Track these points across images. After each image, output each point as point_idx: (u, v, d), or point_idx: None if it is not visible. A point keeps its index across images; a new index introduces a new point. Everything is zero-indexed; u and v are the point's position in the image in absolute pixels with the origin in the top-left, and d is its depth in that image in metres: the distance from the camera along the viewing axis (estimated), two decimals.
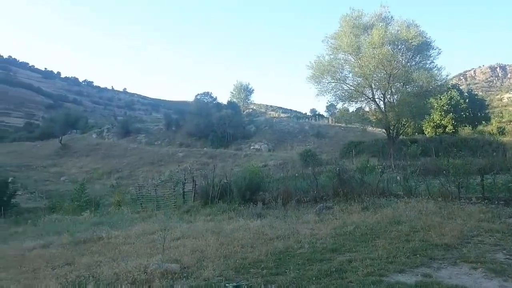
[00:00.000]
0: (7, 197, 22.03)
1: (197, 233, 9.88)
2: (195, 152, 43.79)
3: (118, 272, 6.26)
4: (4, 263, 8.78)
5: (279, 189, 14.81)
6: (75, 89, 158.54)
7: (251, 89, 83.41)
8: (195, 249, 7.78)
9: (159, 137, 53.16)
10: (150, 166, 40.35)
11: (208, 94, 67.44)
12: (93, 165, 41.97)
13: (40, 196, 29.73)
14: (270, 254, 6.90)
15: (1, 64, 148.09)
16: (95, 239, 10.85)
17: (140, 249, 8.68)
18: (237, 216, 12.60)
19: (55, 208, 21.52)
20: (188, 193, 18.25)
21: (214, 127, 49.97)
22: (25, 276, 7.28)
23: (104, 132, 56.70)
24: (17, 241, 12.81)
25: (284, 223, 10.41)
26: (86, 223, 14.72)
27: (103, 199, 23.63)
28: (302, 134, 51.58)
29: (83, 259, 8.04)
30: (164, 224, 12.16)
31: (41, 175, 37.78)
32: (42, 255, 9.30)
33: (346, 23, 29.06)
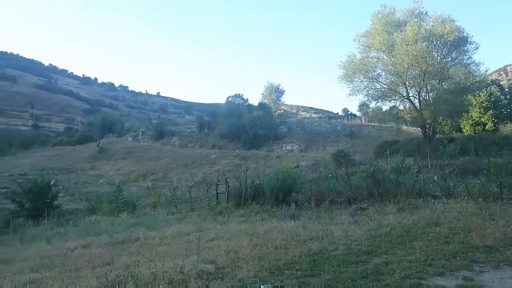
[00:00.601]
0: (50, 199, 22.95)
1: (231, 234, 9.99)
2: (227, 154, 44.14)
3: (155, 272, 6.42)
4: (48, 262, 9.19)
5: (312, 190, 14.73)
6: (111, 94, 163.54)
7: (282, 90, 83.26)
8: (229, 250, 7.87)
9: (192, 139, 53.94)
10: (183, 168, 41.01)
11: (239, 96, 67.94)
12: (129, 167, 43.10)
13: (80, 198, 30.84)
14: (304, 256, 6.88)
15: (43, 72, 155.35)
16: (132, 239, 11.16)
17: (175, 249, 8.86)
18: (270, 217, 12.64)
19: (94, 209, 22.28)
20: (221, 194, 18.45)
21: (245, 129, 50.21)
22: (68, 275, 7.58)
23: (139, 135, 58.12)
24: (60, 241, 13.35)
25: (317, 224, 10.35)
26: (124, 224, 15.14)
27: (139, 201, 24.23)
28: (334, 134, 50.98)
29: (121, 259, 8.29)
30: (198, 225, 12.37)
31: (81, 178, 39.19)
32: (83, 255, 9.65)
33: (378, 20, 28.52)
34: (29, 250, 12.13)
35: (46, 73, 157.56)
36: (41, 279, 7.42)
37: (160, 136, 55.24)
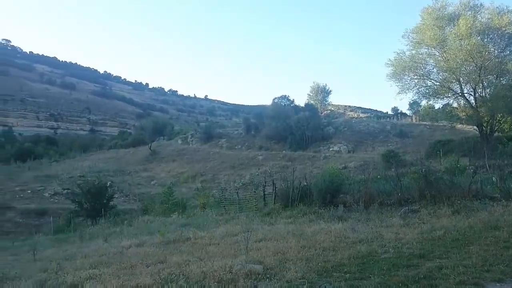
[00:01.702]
0: (107, 199, 24.20)
1: (279, 235, 10.03)
2: (274, 155, 44.28)
3: (205, 271, 6.59)
4: (106, 260, 9.68)
5: (360, 191, 14.43)
6: (162, 98, 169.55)
7: (328, 90, 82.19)
8: (277, 251, 7.91)
9: (239, 141, 54.63)
10: (231, 169, 41.65)
11: (286, 97, 67.92)
12: (179, 169, 44.44)
13: (134, 198, 32.28)
14: (353, 258, 6.78)
15: (98, 79, 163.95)
16: (183, 239, 11.51)
17: (224, 249, 9.04)
18: (318, 218, 12.55)
19: (147, 209, 23.23)
20: (268, 195, 18.55)
21: (292, 130, 50.09)
22: (124, 272, 7.94)
23: (189, 138, 59.72)
24: (116, 239, 14.03)
25: (366, 227, 10.14)
26: (175, 224, 15.62)
27: (189, 202, 24.93)
28: (383, 134, 49.57)
29: (173, 258, 8.58)
30: (246, 226, 12.52)
31: (134, 179, 40.96)
32: (138, 253, 10.08)
33: (429, 15, 27.40)
34: (88, 248, 12.85)
35: (102, 80, 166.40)
36: (99, 275, 7.83)
37: (208, 139, 56.44)
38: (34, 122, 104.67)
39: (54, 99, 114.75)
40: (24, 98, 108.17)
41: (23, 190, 32.69)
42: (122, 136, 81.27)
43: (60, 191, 32.79)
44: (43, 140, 79.00)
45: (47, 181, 35.95)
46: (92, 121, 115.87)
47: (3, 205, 27.54)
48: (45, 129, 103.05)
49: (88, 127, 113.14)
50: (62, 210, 26.74)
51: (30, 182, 35.52)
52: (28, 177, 37.66)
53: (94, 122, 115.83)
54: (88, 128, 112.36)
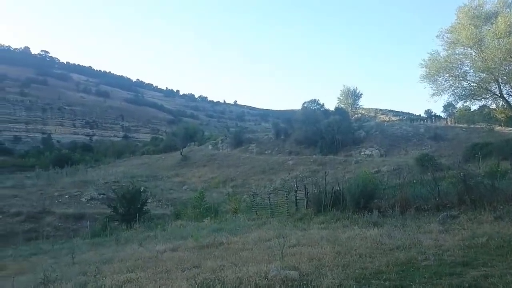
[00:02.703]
0: (141, 204, 24.69)
1: (312, 241, 9.90)
2: (304, 160, 43.95)
3: (241, 277, 6.57)
4: (142, 264, 9.85)
5: (395, 196, 14.05)
6: (192, 104, 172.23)
7: (359, 93, 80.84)
8: (312, 257, 7.80)
9: (269, 146, 54.59)
10: (261, 174, 41.64)
11: (315, 101, 67.34)
12: (210, 174, 44.85)
13: (166, 203, 32.79)
14: (391, 265, 6.58)
15: (131, 87, 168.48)
16: (216, 244, 11.55)
17: (258, 255, 8.99)
18: (352, 224, 12.30)
19: (180, 214, 23.52)
20: (300, 200, 18.39)
21: (322, 134, 49.58)
22: (159, 276, 8.04)
23: (219, 143, 60.25)
24: (150, 244, 14.26)
25: (403, 233, 9.84)
26: (207, 229, 15.72)
27: (220, 207, 25.06)
28: (417, 137, 48.25)
29: (208, 263, 8.62)
30: (279, 231, 12.44)
31: (166, 184, 41.65)
32: (172, 258, 10.19)
33: (464, 14, 26.50)
34: (124, 252, 13.13)
35: (134, 87, 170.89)
36: (136, 279, 7.97)
37: (238, 144, 56.74)
38: (71, 130, 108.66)
39: (89, 107, 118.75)
40: (62, 107, 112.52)
41: (61, 195, 33.89)
42: (154, 142, 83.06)
43: (96, 196, 33.77)
44: (79, 147, 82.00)
45: (84, 187, 37.13)
46: (125, 128, 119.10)
47: (44, 209, 28.63)
48: (81, 136, 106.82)
49: (121, 133, 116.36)
50: (98, 214, 27.50)
51: (68, 187, 36.78)
52: (66, 182, 39.02)
53: (127, 129, 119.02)
54: (122, 134, 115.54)
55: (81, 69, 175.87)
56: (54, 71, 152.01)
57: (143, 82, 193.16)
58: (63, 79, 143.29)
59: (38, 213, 28.24)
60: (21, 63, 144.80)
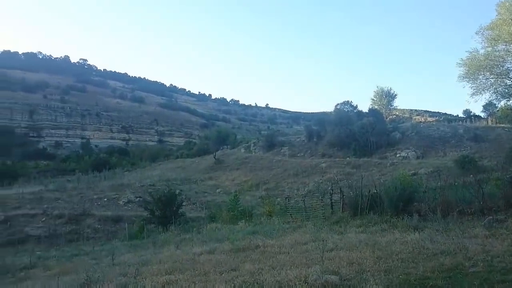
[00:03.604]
0: (176, 207, 25.05)
1: (351, 245, 9.71)
2: (338, 162, 43.33)
3: (280, 281, 6.51)
4: (180, 266, 9.95)
5: (436, 199, 13.58)
6: (224, 108, 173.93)
7: (393, 94, 78.90)
8: (351, 261, 7.64)
9: (302, 149, 54.21)
10: (294, 177, 41.36)
11: (348, 103, 66.48)
12: (243, 177, 45.00)
13: (201, 206, 33.10)
14: (437, 271, 6.33)
15: (165, 92, 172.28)
16: (252, 247, 11.52)
17: (295, 258, 8.90)
18: (391, 228, 11.98)
19: (214, 217, 23.69)
20: (335, 203, 18.12)
21: (356, 136, 48.74)
22: (198, 279, 8.08)
23: (251, 147, 60.42)
24: (187, 246, 14.41)
25: (446, 237, 9.48)
26: (243, 232, 15.72)
27: (255, 209, 25.06)
28: (455, 138, 46.51)
29: (245, 266, 8.60)
30: (315, 234, 12.29)
31: (200, 188, 42.11)
32: (209, 260, 10.24)
33: (506, 9, 25.33)
34: (162, 254, 13.31)
35: (168, 92, 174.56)
36: (175, 281, 8.05)
37: (270, 147, 56.68)
38: (108, 134, 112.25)
39: (125, 112, 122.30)
40: (99, 112, 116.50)
41: (100, 198, 34.94)
42: (188, 146, 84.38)
43: (133, 199, 34.59)
44: (116, 151, 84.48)
45: (121, 190, 38.12)
46: (159, 132, 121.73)
47: (84, 212, 29.62)
48: (118, 140, 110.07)
49: (156, 138, 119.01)
50: (136, 217, 28.14)
51: (106, 190, 37.88)
52: (104, 186, 40.22)
53: (161, 133, 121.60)
54: (156, 138, 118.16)
55: (117, 76, 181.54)
56: (92, 78, 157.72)
57: (176, 87, 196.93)
58: (100, 86, 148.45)
59: (79, 215, 29.22)
60: (62, 71, 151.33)
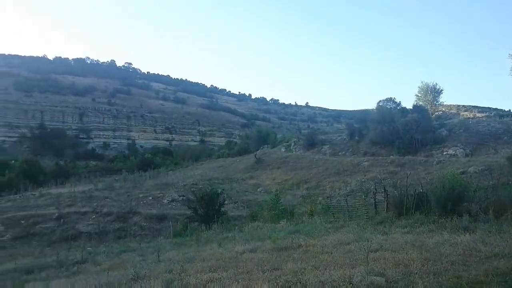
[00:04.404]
0: (218, 206, 25.45)
1: (396, 245, 9.43)
2: (380, 161, 42.25)
3: (323, 281, 6.44)
4: (223, 264, 10.08)
5: (488, 199, 12.90)
6: (264, 107, 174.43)
7: (439, 89, 75.76)
8: (397, 263, 7.41)
9: (343, 147, 53.31)
10: (336, 176, 40.76)
11: (391, 99, 64.34)
12: (283, 176, 44.91)
13: (242, 205, 33.38)
14: (491, 275, 6.01)
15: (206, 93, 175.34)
16: (294, 246, 11.46)
17: (339, 259, 8.77)
18: (438, 229, 11.51)
19: (256, 216, 23.81)
20: (379, 203, 17.66)
21: (399, 134, 47.26)
22: (241, 277, 8.14)
23: (291, 146, 60.14)
24: (229, 244, 14.57)
25: (500, 239, 8.99)
26: (284, 231, 15.69)
27: (296, 209, 24.92)
28: (508, 134, 43.97)
29: (288, 265, 8.57)
30: (358, 234, 12.04)
31: (242, 187, 42.47)
32: (252, 259, 10.30)
33: None
34: (205, 252, 13.55)
35: (209, 93, 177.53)
36: (219, 279, 8.16)
37: (311, 146, 56.17)
38: (152, 135, 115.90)
39: (168, 114, 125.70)
40: (144, 114, 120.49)
41: (145, 197, 36.11)
42: (229, 146, 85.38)
43: (176, 198, 35.45)
44: (160, 151, 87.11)
45: (165, 189, 39.19)
46: (201, 132, 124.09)
47: (131, 210, 30.73)
48: (162, 141, 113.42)
49: (198, 138, 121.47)
50: (179, 215, 28.83)
51: (151, 189, 39.08)
52: (149, 185, 41.53)
53: (203, 133, 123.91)
54: (198, 139, 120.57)
55: (160, 78, 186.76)
56: (137, 81, 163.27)
57: (217, 88, 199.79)
58: (144, 88, 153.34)
59: (126, 213, 30.35)
60: (108, 75, 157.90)
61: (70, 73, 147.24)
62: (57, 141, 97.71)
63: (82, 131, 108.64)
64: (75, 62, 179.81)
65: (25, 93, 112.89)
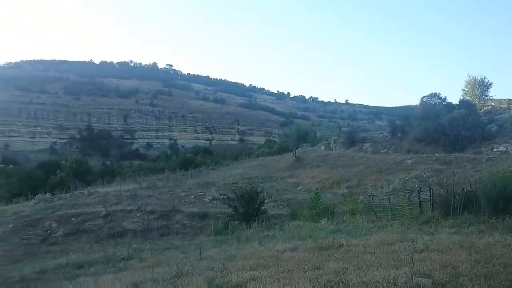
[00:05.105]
0: (258, 204, 25.54)
1: (443, 246, 9.08)
2: (425, 159, 40.78)
3: (366, 282, 6.31)
4: (264, 263, 10.11)
5: None
6: (303, 106, 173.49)
7: (488, 83, 71.85)
8: (445, 264, 7.13)
9: (385, 145, 51.93)
10: (377, 174, 39.78)
11: (436, 95, 61.86)
12: (323, 175, 44.36)
13: (282, 204, 33.31)
14: None
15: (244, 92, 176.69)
16: (336, 246, 11.31)
17: (382, 259, 8.56)
18: (489, 229, 10.98)
19: (296, 215, 23.69)
20: (424, 202, 17.06)
21: (445, 130, 45.36)
22: (282, 276, 8.13)
23: (331, 144, 59.34)
24: (270, 243, 14.59)
25: None
26: (325, 230, 15.51)
27: (336, 208, 24.57)
28: None
29: (329, 265, 8.47)
30: (402, 234, 11.70)
31: (281, 185, 42.39)
32: (292, 258, 10.26)
33: None
34: (246, 250, 13.65)
35: (248, 93, 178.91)
36: (260, 277, 8.20)
37: (351, 144, 55.18)
38: (193, 135, 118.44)
39: (208, 114, 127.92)
40: (185, 114, 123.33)
41: (187, 196, 36.90)
42: (268, 144, 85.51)
43: (217, 196, 35.96)
44: (201, 151, 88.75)
45: (206, 187, 39.87)
46: (240, 132, 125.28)
47: (173, 208, 31.53)
48: (202, 140, 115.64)
49: (237, 137, 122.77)
50: (220, 214, 29.21)
51: (193, 188, 39.88)
52: (191, 184, 42.40)
53: (242, 132, 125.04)
54: (238, 138, 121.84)
55: (200, 79, 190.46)
56: (177, 82, 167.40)
57: (255, 87, 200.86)
58: (185, 89, 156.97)
59: (169, 211, 31.17)
60: (150, 77, 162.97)
61: (114, 76, 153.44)
62: (104, 142, 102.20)
63: (127, 132, 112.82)
64: (119, 65, 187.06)
65: (74, 96, 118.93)
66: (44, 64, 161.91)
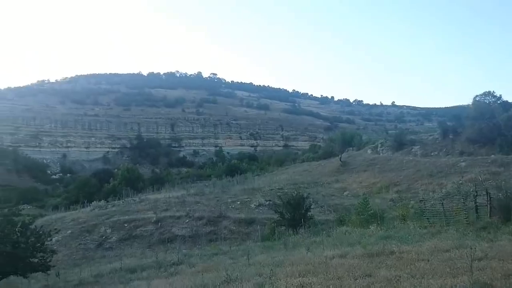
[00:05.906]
0: (305, 210, 25.31)
1: (504, 254, 8.58)
2: (480, 161, 38.66)
3: None
4: (312, 269, 9.99)
5: None
6: (347, 109, 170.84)
7: None
8: (507, 273, 6.74)
9: (435, 147, 49.79)
10: (429, 178, 38.20)
11: (490, 93, 58.60)
12: (371, 179, 43.26)
13: (328, 209, 32.83)
14: None
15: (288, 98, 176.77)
16: (386, 252, 10.97)
17: (437, 267, 8.22)
18: None
19: (343, 220, 23.25)
20: (481, 207, 16.18)
21: (502, 131, 42.84)
22: (332, 283, 7.98)
23: (378, 147, 57.80)
24: (317, 249, 14.42)
25: None
26: (374, 236, 15.11)
27: (385, 213, 23.86)
28: None
29: (381, 272, 8.25)
30: (458, 241, 11.17)
31: (327, 191, 41.81)
32: (342, 264, 10.07)
33: None
34: (293, 256, 13.57)
35: (291, 98, 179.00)
36: (309, 284, 8.11)
37: (399, 147, 53.46)
38: (237, 142, 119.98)
39: (252, 120, 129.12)
40: (229, 121, 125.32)
41: (233, 202, 37.32)
42: (313, 149, 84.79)
43: (263, 202, 36.07)
44: (246, 157, 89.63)
45: (252, 193, 40.11)
46: (284, 137, 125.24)
47: (220, 214, 32.00)
48: (247, 147, 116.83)
49: (281, 143, 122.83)
50: (266, 219, 29.28)
51: (239, 194, 40.28)
52: (237, 190, 42.83)
53: (286, 138, 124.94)
54: (282, 144, 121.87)
55: (243, 86, 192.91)
56: (222, 90, 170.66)
57: (298, 92, 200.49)
58: (229, 97, 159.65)
59: (216, 217, 31.65)
60: (196, 86, 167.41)
61: (161, 87, 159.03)
62: (152, 150, 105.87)
63: (174, 140, 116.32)
64: (166, 76, 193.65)
65: (124, 107, 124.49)
66: (96, 77, 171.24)
